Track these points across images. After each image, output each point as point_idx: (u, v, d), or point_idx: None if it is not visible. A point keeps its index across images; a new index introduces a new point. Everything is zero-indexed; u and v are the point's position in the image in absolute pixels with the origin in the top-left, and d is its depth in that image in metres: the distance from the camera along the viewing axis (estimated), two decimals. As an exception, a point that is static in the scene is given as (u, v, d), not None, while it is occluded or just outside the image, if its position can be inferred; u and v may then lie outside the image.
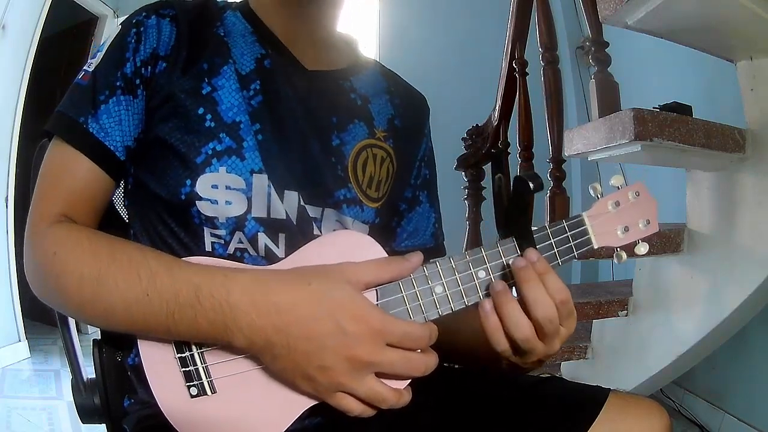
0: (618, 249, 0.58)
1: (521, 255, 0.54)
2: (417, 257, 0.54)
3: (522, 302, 0.52)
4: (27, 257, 0.57)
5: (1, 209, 2.72)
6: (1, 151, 2.71)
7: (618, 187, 0.59)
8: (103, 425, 0.68)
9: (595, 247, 0.58)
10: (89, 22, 3.45)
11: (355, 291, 0.51)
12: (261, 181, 0.60)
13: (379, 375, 0.51)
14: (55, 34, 3.38)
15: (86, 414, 0.68)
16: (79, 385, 0.69)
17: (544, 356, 0.55)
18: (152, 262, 0.52)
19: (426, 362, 0.52)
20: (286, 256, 0.58)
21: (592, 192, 0.58)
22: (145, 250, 0.54)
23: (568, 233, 0.57)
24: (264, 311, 0.49)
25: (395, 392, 0.51)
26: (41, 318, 3.05)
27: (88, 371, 0.70)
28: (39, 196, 0.59)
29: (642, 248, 0.59)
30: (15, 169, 2.77)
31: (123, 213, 0.73)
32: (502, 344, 0.53)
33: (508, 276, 0.55)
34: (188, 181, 0.58)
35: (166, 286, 0.50)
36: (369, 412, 0.51)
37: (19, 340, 2.79)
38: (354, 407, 0.51)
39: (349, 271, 0.52)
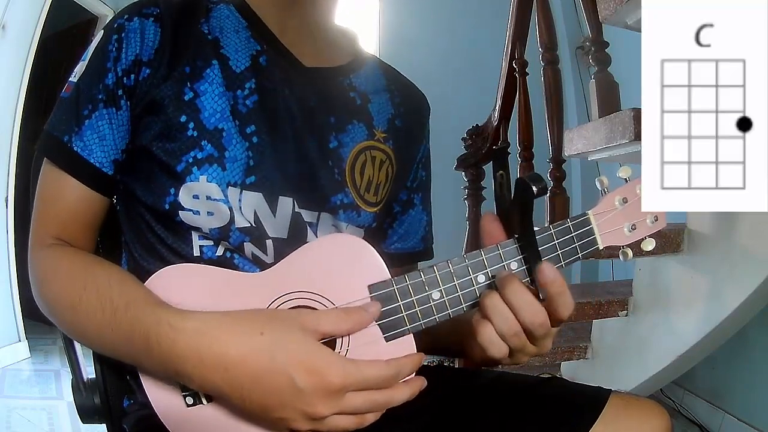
0: (624, 246, 0.56)
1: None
2: (374, 307, 0.51)
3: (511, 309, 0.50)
4: (30, 277, 0.59)
5: (1, 209, 2.72)
6: (1, 151, 2.70)
7: (626, 180, 0.55)
8: (104, 425, 0.68)
9: (601, 247, 0.55)
10: (89, 22, 3.44)
11: (310, 340, 0.48)
12: (247, 188, 0.58)
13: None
14: (55, 34, 3.37)
15: (86, 414, 0.68)
16: (79, 384, 0.69)
17: (536, 355, 0.54)
18: (115, 295, 0.51)
19: (391, 398, 0.50)
20: (275, 262, 0.56)
21: (598, 185, 0.55)
22: (112, 279, 0.53)
23: (573, 233, 0.54)
24: (211, 365, 0.46)
25: (357, 419, 0.50)
26: (41, 318, 3.02)
27: (89, 371, 0.70)
28: (34, 219, 0.60)
29: (649, 244, 0.56)
30: (15, 169, 2.77)
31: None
32: (499, 350, 0.51)
33: None
34: (172, 190, 0.57)
35: (123, 324, 0.50)
36: None
37: (19, 340, 2.78)
38: None
39: (306, 319, 0.49)
